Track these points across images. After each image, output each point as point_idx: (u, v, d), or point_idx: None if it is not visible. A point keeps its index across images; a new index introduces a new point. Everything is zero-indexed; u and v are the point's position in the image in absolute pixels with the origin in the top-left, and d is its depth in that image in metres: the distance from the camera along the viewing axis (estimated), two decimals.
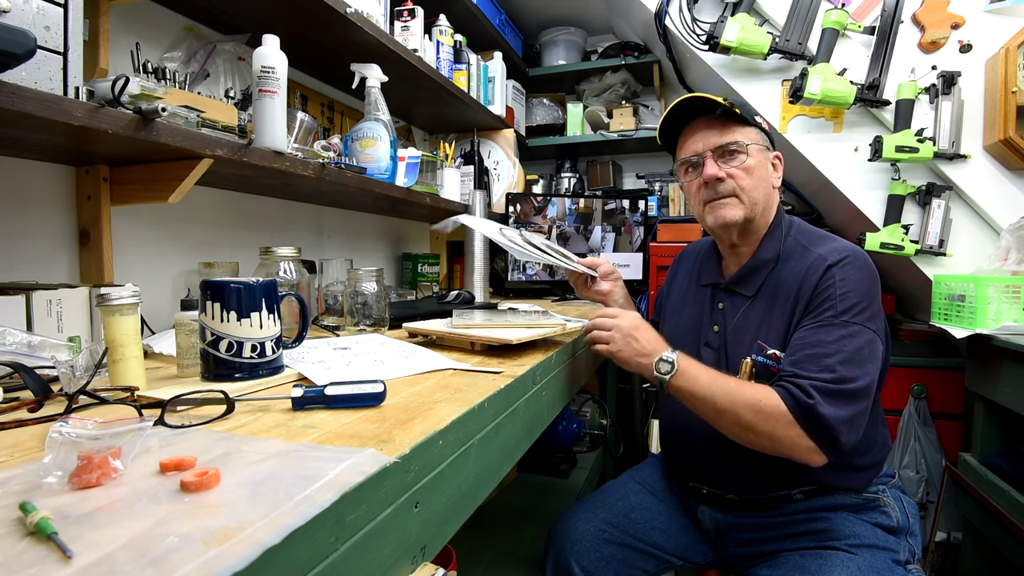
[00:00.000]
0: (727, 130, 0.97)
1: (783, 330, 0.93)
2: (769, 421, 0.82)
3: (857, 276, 0.89)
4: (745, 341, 0.97)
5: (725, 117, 0.98)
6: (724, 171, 0.97)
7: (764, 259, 1.00)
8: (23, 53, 0.59)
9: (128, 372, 0.65)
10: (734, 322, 1.00)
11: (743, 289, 1.01)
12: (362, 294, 1.12)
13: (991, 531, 1.31)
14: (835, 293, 0.88)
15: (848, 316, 0.86)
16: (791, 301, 0.93)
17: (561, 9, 2.42)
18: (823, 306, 0.89)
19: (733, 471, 0.98)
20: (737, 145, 0.96)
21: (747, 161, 0.96)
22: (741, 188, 0.96)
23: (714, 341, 1.03)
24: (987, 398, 1.37)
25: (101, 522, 0.35)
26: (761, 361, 0.93)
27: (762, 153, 0.98)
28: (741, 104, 0.99)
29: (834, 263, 0.91)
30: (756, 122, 0.99)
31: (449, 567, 1.18)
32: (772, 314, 0.96)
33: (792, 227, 1.02)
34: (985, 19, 1.54)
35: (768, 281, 0.98)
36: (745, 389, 0.85)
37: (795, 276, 0.94)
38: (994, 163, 1.54)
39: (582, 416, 2.09)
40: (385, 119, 1.35)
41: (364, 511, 0.41)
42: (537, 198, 2.03)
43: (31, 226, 0.92)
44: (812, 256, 0.94)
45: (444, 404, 0.62)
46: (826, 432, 0.80)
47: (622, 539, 1.04)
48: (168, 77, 1.05)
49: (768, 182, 0.99)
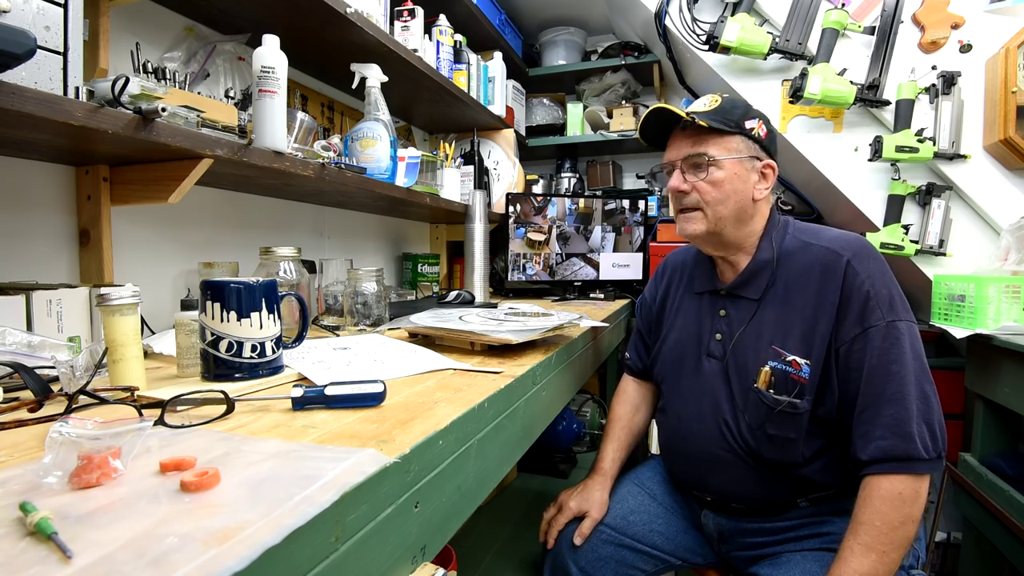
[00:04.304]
0: (700, 141, 0.93)
1: (801, 333, 0.89)
2: (916, 505, 0.80)
3: (879, 268, 0.87)
4: (758, 348, 0.93)
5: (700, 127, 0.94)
6: (689, 183, 0.94)
7: (765, 259, 0.96)
8: (23, 53, 0.59)
9: (128, 372, 0.65)
10: (743, 328, 0.96)
11: (748, 292, 0.97)
12: (362, 294, 1.12)
13: (991, 531, 1.31)
14: (871, 292, 0.85)
15: (894, 315, 0.84)
16: (810, 301, 0.89)
17: (561, 9, 2.42)
18: (867, 307, 0.85)
19: (739, 487, 0.96)
20: (706, 158, 0.92)
21: (715, 174, 0.92)
22: (705, 202, 0.93)
23: (717, 351, 0.99)
24: (987, 398, 1.37)
25: (101, 522, 0.35)
26: (780, 369, 0.89)
27: (740, 165, 0.93)
28: (726, 111, 0.94)
29: (851, 257, 0.87)
30: (745, 130, 0.94)
31: (449, 567, 1.18)
32: (787, 317, 0.91)
33: (788, 226, 0.99)
34: (985, 19, 1.54)
35: (775, 282, 0.94)
36: (881, 534, 0.79)
37: (805, 272, 0.91)
38: (994, 163, 1.54)
39: (582, 416, 2.09)
40: (385, 119, 1.35)
41: (364, 511, 0.41)
42: (537, 198, 2.03)
43: (31, 226, 0.92)
44: (817, 249, 0.91)
45: (444, 404, 0.62)
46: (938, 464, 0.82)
47: (620, 540, 1.04)
48: (168, 77, 1.05)
49: (743, 195, 0.94)
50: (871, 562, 0.78)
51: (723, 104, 0.95)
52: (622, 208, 2.11)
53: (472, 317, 1.09)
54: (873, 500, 0.81)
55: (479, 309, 1.29)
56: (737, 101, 0.96)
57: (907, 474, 0.80)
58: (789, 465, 0.91)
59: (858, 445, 0.84)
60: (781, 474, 0.92)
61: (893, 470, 0.80)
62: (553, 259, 2.04)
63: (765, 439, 0.91)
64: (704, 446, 0.97)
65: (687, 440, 1.01)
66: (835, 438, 0.90)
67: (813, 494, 0.94)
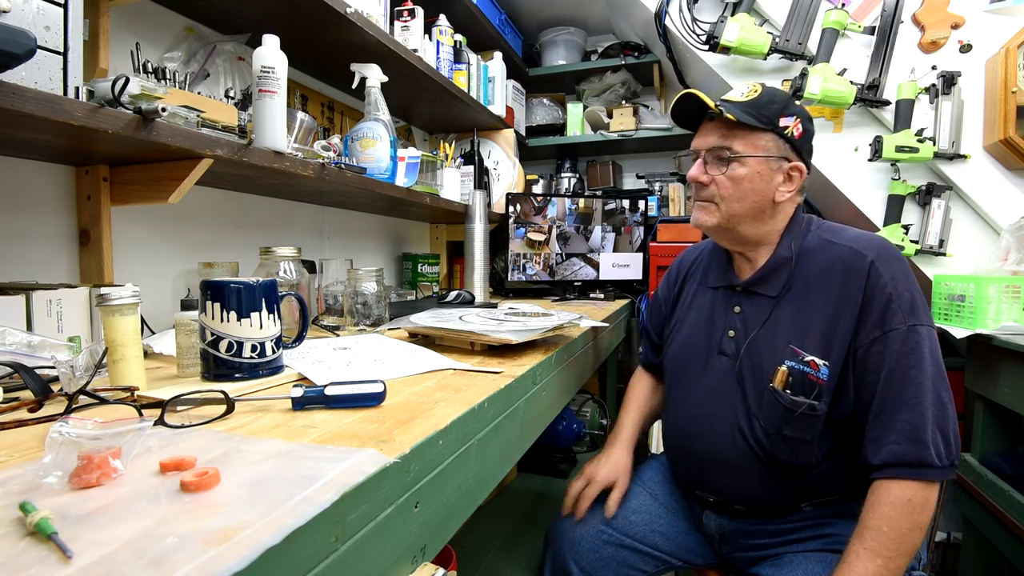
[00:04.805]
0: (728, 134, 0.90)
1: (821, 332, 0.87)
2: (925, 513, 0.80)
3: (902, 271, 0.85)
4: (775, 346, 0.90)
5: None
6: (709, 175, 0.92)
7: (785, 257, 0.93)
8: (23, 53, 0.59)
9: (128, 372, 0.65)
10: (759, 326, 0.93)
11: (765, 289, 0.94)
12: (362, 294, 1.12)
13: (991, 531, 1.31)
14: (893, 294, 0.83)
15: (915, 318, 0.83)
16: (831, 301, 0.87)
17: (561, 9, 2.42)
18: (888, 310, 0.83)
19: (743, 488, 0.95)
20: (729, 152, 0.90)
21: (736, 170, 0.90)
22: (721, 197, 0.91)
23: (729, 348, 0.96)
24: (987, 398, 1.37)
25: (101, 522, 0.35)
26: (798, 368, 0.87)
27: (765, 164, 0.89)
28: (761, 105, 0.89)
29: (874, 258, 0.85)
30: (777, 127, 0.89)
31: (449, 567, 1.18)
32: (806, 316, 0.89)
33: (811, 224, 0.96)
34: (985, 19, 1.54)
35: (794, 280, 0.92)
36: (888, 540, 0.78)
37: (826, 270, 0.89)
38: (994, 163, 1.54)
39: (582, 416, 2.09)
40: (385, 119, 1.35)
41: (364, 511, 0.41)
42: (537, 198, 2.03)
43: (31, 226, 0.92)
44: (839, 248, 0.89)
45: (444, 404, 0.62)
46: (950, 472, 0.81)
47: (621, 540, 1.03)
48: (168, 77, 1.05)
49: (762, 195, 0.91)
50: (876, 567, 0.77)
51: (761, 96, 0.90)
52: (622, 208, 2.11)
53: (472, 317, 1.09)
54: (882, 505, 0.80)
55: (479, 309, 1.29)
56: (777, 95, 0.91)
57: (918, 480, 0.79)
58: (800, 467, 0.90)
59: (870, 448, 0.83)
60: (788, 477, 0.91)
61: (904, 475, 0.80)
62: (553, 259, 2.04)
63: (780, 440, 0.89)
64: (711, 446, 0.96)
65: (693, 439, 0.99)
66: (845, 440, 0.89)
67: (817, 499, 0.93)
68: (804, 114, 0.92)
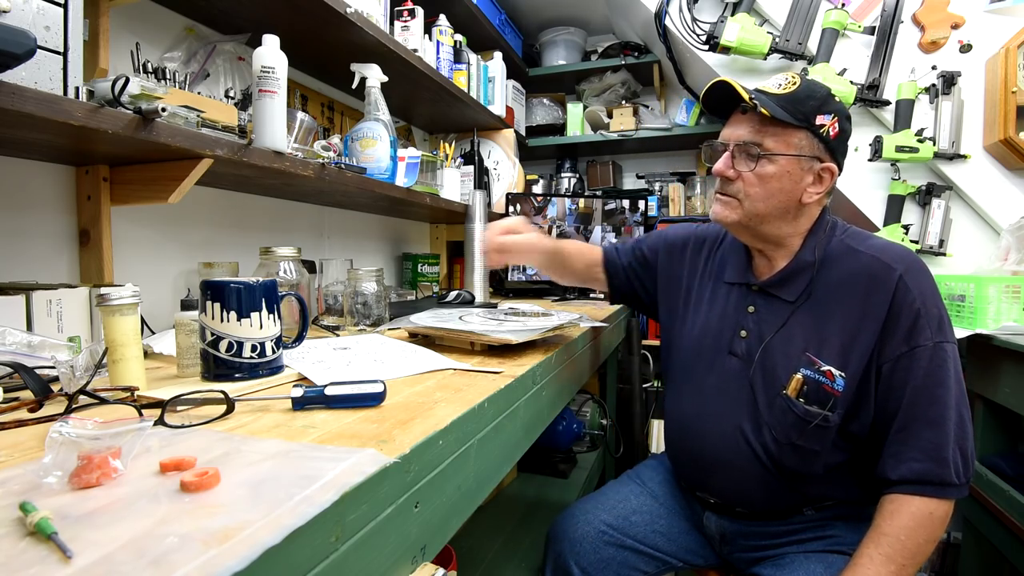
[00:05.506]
0: (761, 129, 0.85)
1: (840, 343, 0.84)
2: (941, 527, 0.80)
3: (931, 286, 0.84)
4: (789, 352, 0.88)
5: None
6: (736, 171, 0.88)
7: (807, 261, 0.90)
8: (23, 53, 0.59)
9: (128, 372, 0.65)
10: (775, 331, 0.90)
11: (784, 293, 0.91)
12: (362, 294, 1.12)
13: (991, 531, 1.31)
14: (922, 310, 0.81)
15: (942, 336, 0.82)
16: (853, 311, 0.84)
17: (561, 9, 2.42)
18: (916, 325, 0.81)
19: (745, 490, 0.95)
20: (759, 149, 0.85)
21: (765, 168, 0.85)
22: (746, 194, 0.87)
23: (740, 348, 0.93)
24: (987, 398, 1.37)
25: (101, 522, 0.35)
26: (813, 378, 0.85)
27: (796, 163, 0.85)
28: (799, 100, 0.84)
29: (903, 272, 0.83)
30: (813, 125, 0.84)
31: (449, 567, 1.18)
32: (825, 324, 0.86)
33: (836, 228, 0.93)
34: (985, 19, 1.54)
35: (815, 285, 0.88)
36: (905, 549, 0.78)
37: (849, 279, 0.86)
38: (994, 163, 1.54)
39: (582, 416, 2.09)
40: (385, 119, 1.35)
41: (364, 511, 0.41)
42: (537, 198, 2.03)
43: (31, 226, 0.92)
44: (865, 257, 0.86)
45: (444, 404, 0.62)
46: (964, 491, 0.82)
47: (622, 541, 1.03)
48: (168, 77, 1.05)
49: (789, 195, 0.87)
50: (889, 572, 0.78)
51: (799, 90, 0.85)
52: (622, 208, 2.11)
53: (472, 317, 1.09)
54: (902, 516, 0.80)
55: (479, 309, 1.29)
56: (816, 90, 0.86)
57: (938, 498, 0.79)
58: (804, 475, 0.89)
59: (889, 464, 0.82)
60: (792, 482, 0.90)
61: (924, 493, 0.80)
62: None
63: (789, 447, 0.87)
64: (715, 448, 0.94)
65: (697, 440, 0.98)
66: (858, 453, 0.88)
67: (819, 504, 0.93)
68: (843, 112, 0.87)
